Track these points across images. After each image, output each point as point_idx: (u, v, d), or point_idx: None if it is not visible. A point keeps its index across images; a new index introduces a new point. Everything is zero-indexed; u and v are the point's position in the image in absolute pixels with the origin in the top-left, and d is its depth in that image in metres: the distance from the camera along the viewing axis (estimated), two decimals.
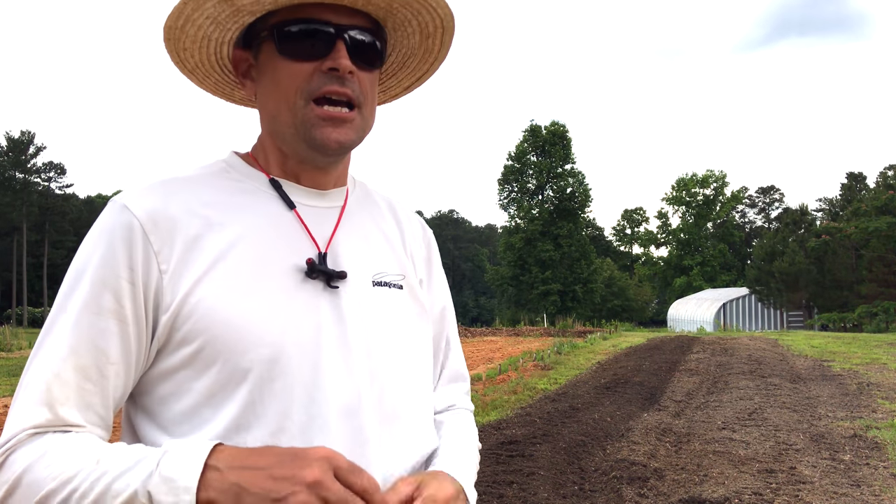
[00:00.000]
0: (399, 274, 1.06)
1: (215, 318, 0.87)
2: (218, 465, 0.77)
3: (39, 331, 0.92)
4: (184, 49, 0.99)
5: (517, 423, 7.19)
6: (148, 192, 0.92)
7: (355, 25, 0.94)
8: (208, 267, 0.89)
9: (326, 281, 0.95)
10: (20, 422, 0.82)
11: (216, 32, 0.97)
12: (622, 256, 73.57)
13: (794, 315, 40.07)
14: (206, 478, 0.77)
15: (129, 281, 0.87)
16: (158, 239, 0.88)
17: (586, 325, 28.63)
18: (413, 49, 1.06)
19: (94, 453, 0.80)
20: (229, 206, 0.95)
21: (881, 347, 14.88)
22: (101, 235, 0.89)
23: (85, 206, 68.51)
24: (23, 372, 0.87)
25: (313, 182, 1.02)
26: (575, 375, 11.20)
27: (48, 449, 0.81)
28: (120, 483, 0.77)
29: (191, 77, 1.06)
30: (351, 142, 0.96)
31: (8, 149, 60.92)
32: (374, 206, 1.11)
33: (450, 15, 1.00)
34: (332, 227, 1.00)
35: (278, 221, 0.96)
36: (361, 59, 0.95)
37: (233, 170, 1.00)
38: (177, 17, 0.93)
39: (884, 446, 6.07)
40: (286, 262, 0.94)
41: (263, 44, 0.96)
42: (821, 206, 65.75)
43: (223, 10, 0.92)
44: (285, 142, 0.97)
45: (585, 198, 49.36)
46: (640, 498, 4.74)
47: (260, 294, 0.90)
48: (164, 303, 0.88)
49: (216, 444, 0.80)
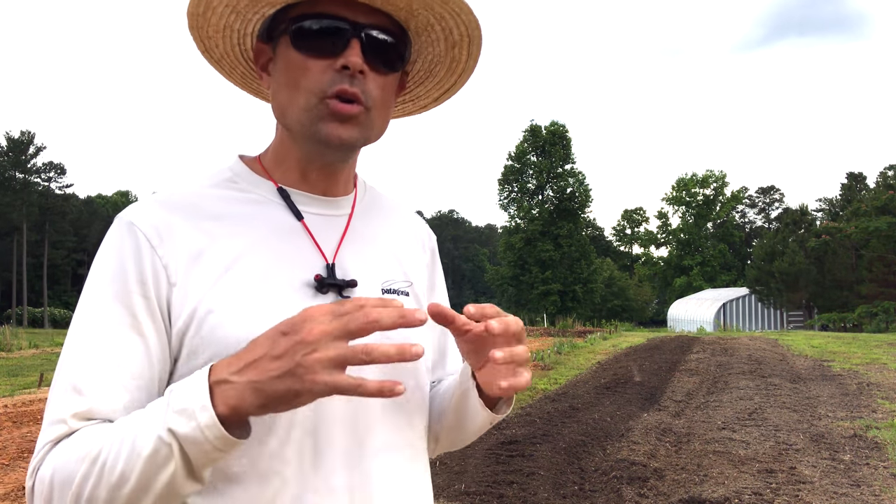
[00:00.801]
0: (406, 281, 1.06)
1: (221, 333, 0.87)
2: (221, 376, 0.76)
3: (39, 331, 0.92)
4: (208, 37, 0.99)
5: (517, 423, 7.19)
6: (152, 208, 0.92)
7: (374, 25, 0.93)
8: (216, 279, 0.89)
9: (338, 292, 0.95)
10: (43, 437, 0.84)
11: (238, 23, 0.97)
12: (622, 256, 73.57)
13: (794, 315, 40.07)
14: (216, 391, 0.75)
15: (142, 295, 0.87)
16: (166, 252, 0.88)
17: (586, 325, 28.65)
18: (439, 57, 1.04)
19: (108, 429, 0.81)
20: (235, 219, 0.94)
21: (881, 347, 14.88)
22: (110, 253, 0.89)
23: (85, 206, 68.51)
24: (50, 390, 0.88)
25: (323, 186, 1.01)
26: (575, 375, 11.20)
27: (66, 446, 0.81)
28: (141, 438, 0.76)
29: (217, 67, 1.06)
30: (355, 140, 0.94)
31: (8, 149, 60.88)
32: (382, 212, 1.10)
33: (475, 22, 0.97)
34: (339, 236, 1.00)
35: (285, 232, 0.96)
36: (377, 60, 0.93)
37: (239, 179, 0.99)
38: (197, 2, 0.93)
39: (884, 446, 6.07)
40: (294, 274, 0.93)
41: (281, 37, 0.95)
42: (821, 206, 65.78)
43: (241, 1, 0.93)
44: (293, 137, 0.97)
45: (585, 198, 49.35)
46: (640, 498, 4.74)
47: (268, 306, 0.90)
48: (174, 315, 0.88)
49: (210, 364, 0.80)
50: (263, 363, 0.74)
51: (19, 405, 8.62)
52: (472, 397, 1.01)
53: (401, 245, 1.09)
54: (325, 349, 0.73)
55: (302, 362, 0.73)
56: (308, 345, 0.73)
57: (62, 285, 64.17)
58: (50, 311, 53.05)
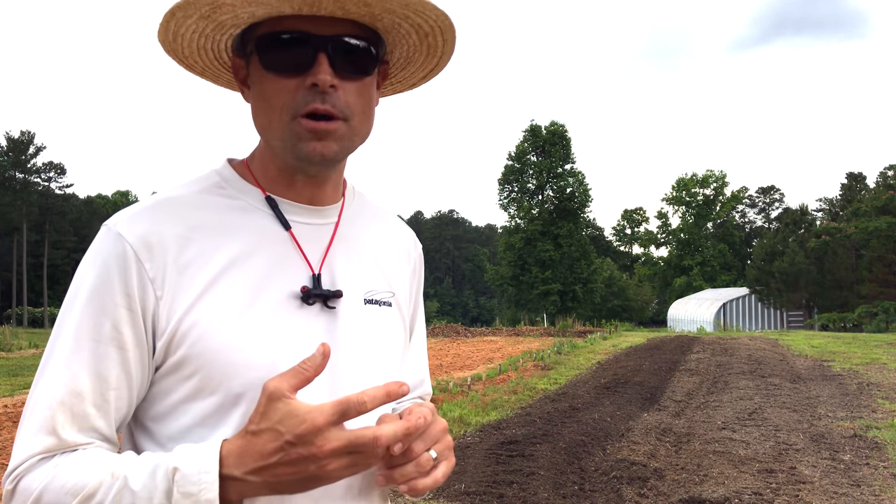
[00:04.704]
0: (389, 291, 1.07)
1: (209, 344, 0.88)
2: (233, 473, 0.79)
3: (39, 331, 0.92)
4: (185, 57, 0.99)
5: (517, 423, 7.19)
6: (140, 217, 0.91)
7: (339, 34, 0.91)
8: (202, 291, 0.89)
9: (323, 302, 0.96)
10: (26, 449, 0.84)
11: (208, 43, 0.97)
12: (622, 256, 73.55)
13: (794, 315, 40.08)
14: (229, 487, 0.79)
15: (127, 308, 0.87)
16: (153, 266, 0.88)
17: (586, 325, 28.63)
18: (415, 46, 1.03)
19: (106, 466, 0.82)
20: (223, 228, 0.94)
21: (881, 347, 14.89)
22: (96, 262, 0.89)
23: (85, 206, 68.50)
24: (27, 398, 0.88)
25: (310, 195, 1.01)
26: (575, 375, 11.20)
27: (60, 469, 0.82)
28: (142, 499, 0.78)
29: (203, 77, 1.07)
30: (335, 154, 0.93)
31: (8, 149, 60.91)
32: (368, 220, 1.11)
33: (441, 15, 0.96)
34: (325, 245, 1.00)
35: (273, 243, 0.96)
36: (348, 69, 0.92)
37: (227, 185, 0.98)
38: (165, 32, 0.93)
39: (884, 446, 6.07)
40: (281, 285, 0.94)
41: (252, 56, 0.94)
42: (821, 206, 65.66)
43: (207, 26, 0.92)
44: (276, 154, 0.96)
45: (585, 198, 49.34)
46: (640, 498, 4.74)
47: (253, 319, 0.90)
48: (160, 328, 0.88)
49: (222, 443, 0.81)
50: (279, 469, 0.78)
51: (19, 405, 8.63)
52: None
53: (385, 254, 1.10)
54: (338, 461, 0.79)
55: (318, 473, 0.79)
56: (321, 458, 0.78)
57: (62, 285, 64.09)
58: (50, 311, 53.06)
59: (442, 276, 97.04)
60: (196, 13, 0.89)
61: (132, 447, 0.94)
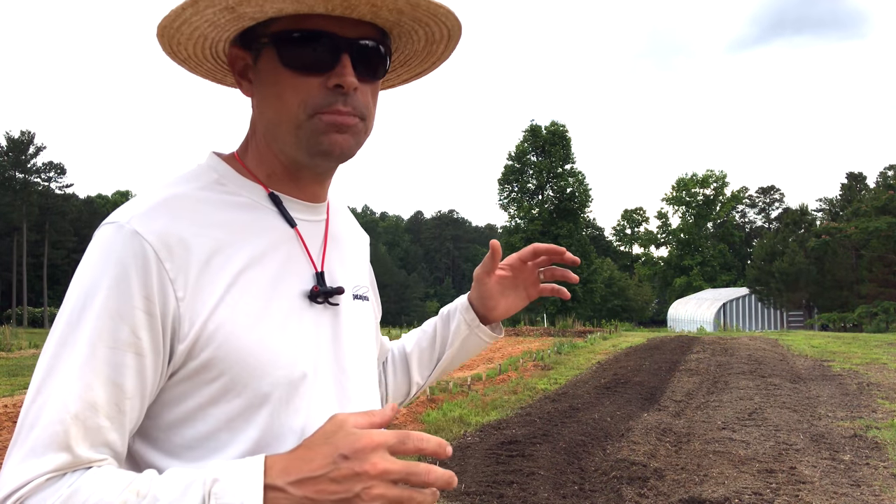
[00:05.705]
0: (366, 286, 1.11)
1: (234, 345, 0.86)
2: (276, 482, 0.76)
3: (39, 331, 0.89)
4: (177, 44, 0.96)
5: (517, 423, 7.19)
6: (154, 214, 0.86)
7: (361, 37, 0.91)
8: (224, 291, 0.87)
9: (326, 299, 0.97)
10: (32, 468, 0.76)
11: (213, 33, 0.94)
12: (622, 256, 73.51)
13: (794, 315, 40.09)
14: (270, 498, 0.76)
15: (146, 311, 0.82)
16: (174, 266, 0.84)
17: (586, 325, 28.60)
18: (416, 52, 1.04)
19: (129, 484, 0.77)
20: (235, 226, 0.92)
21: (881, 347, 14.88)
22: (109, 262, 0.83)
23: (85, 206, 68.46)
24: (24, 407, 0.80)
25: (312, 192, 1.01)
26: (575, 375, 11.20)
27: (76, 489, 0.76)
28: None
29: (183, 65, 1.03)
30: (351, 149, 0.94)
31: (8, 149, 60.86)
32: (342, 216, 1.13)
33: (458, 25, 0.97)
34: (321, 242, 1.01)
35: (282, 241, 0.96)
36: (366, 71, 0.93)
37: (226, 181, 0.96)
38: (174, 18, 0.90)
39: (884, 446, 6.07)
40: (292, 283, 0.95)
41: (264, 49, 0.92)
42: (821, 206, 65.69)
43: (224, 17, 0.90)
44: (283, 150, 0.95)
45: (585, 198, 49.32)
46: (640, 498, 4.74)
47: (274, 317, 0.90)
48: (182, 331, 0.84)
49: (264, 457, 0.79)
50: (322, 484, 0.76)
51: (19, 405, 8.62)
52: (477, 334, 1.28)
53: (357, 247, 1.14)
54: (385, 487, 0.77)
55: (361, 495, 0.76)
56: (370, 479, 0.76)
57: (62, 285, 64.05)
58: (50, 311, 53.03)
59: (442, 276, 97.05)
60: (222, 3, 0.86)
61: (134, 463, 0.88)
